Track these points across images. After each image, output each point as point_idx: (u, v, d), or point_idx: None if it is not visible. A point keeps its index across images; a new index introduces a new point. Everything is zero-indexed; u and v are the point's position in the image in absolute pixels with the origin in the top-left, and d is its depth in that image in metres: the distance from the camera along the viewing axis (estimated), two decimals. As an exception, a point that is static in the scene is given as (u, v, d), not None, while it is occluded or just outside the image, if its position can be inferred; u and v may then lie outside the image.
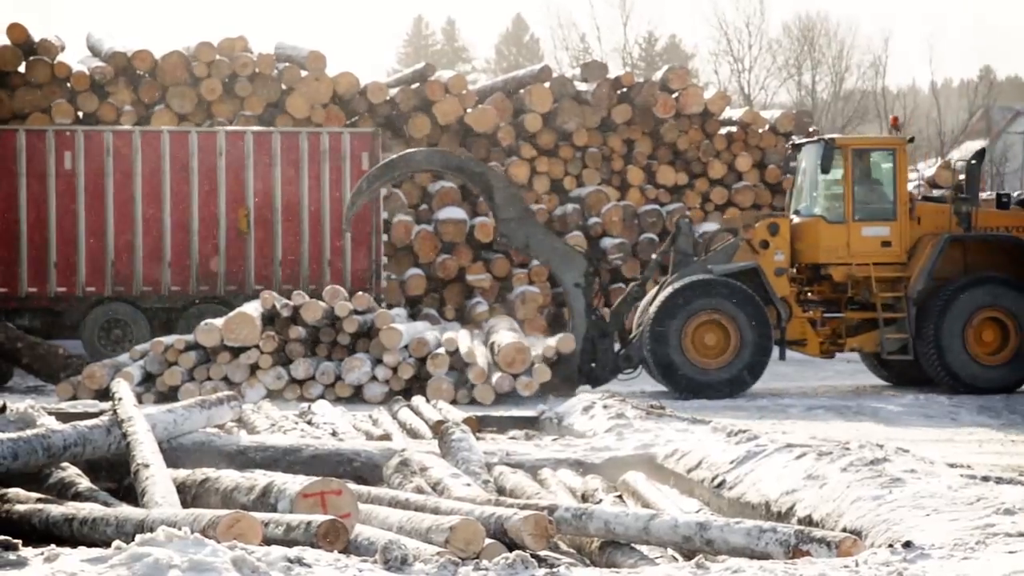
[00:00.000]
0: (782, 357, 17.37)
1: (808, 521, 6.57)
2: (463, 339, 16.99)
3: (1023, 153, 48.69)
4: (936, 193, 20.23)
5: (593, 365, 16.91)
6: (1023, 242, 17.37)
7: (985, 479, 6.65)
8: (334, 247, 20.40)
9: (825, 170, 17.20)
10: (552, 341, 16.93)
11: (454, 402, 15.12)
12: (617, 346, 17.34)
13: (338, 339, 16.64)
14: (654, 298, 17.11)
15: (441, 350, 16.41)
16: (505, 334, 17.31)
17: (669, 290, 16.91)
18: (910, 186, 25.66)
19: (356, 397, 16.05)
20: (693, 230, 18.10)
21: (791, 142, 19.33)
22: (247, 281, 20.11)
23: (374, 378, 16.31)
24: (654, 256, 18.34)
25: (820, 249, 17.36)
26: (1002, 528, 5.48)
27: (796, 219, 17.77)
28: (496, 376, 16.19)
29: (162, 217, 20.14)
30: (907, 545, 5.19)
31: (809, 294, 17.78)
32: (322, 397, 15.58)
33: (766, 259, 17.27)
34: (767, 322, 16.82)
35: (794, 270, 17.62)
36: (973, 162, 18.12)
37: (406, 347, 16.48)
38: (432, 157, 17.99)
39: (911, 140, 18.19)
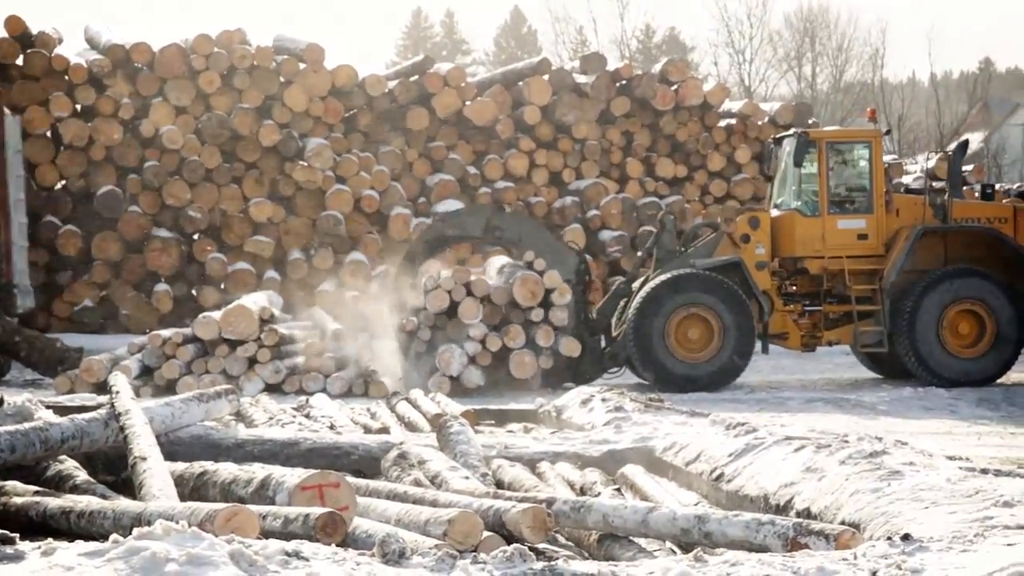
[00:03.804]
0: (764, 351, 17.38)
1: (807, 514, 6.56)
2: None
3: (1021, 145, 48.69)
4: (937, 185, 20.19)
5: (579, 363, 16.89)
6: (1000, 233, 17.30)
7: (984, 472, 6.64)
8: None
9: (798, 163, 17.19)
10: (560, 347, 16.80)
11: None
12: (603, 343, 17.33)
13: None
14: (637, 294, 17.09)
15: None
16: None
17: (651, 285, 16.89)
18: (909, 178, 25.68)
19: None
20: (677, 226, 18.06)
21: (772, 136, 19.33)
22: None
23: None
24: (639, 253, 18.33)
25: (796, 242, 17.33)
26: (1001, 521, 5.47)
27: (776, 212, 17.75)
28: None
29: None
30: (905, 538, 5.18)
31: (791, 287, 17.76)
32: (322, 391, 15.58)
33: (747, 253, 17.25)
34: (750, 316, 16.81)
35: (775, 263, 17.60)
36: (953, 154, 18.14)
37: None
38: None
39: (887, 132, 18.17)
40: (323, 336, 17.88)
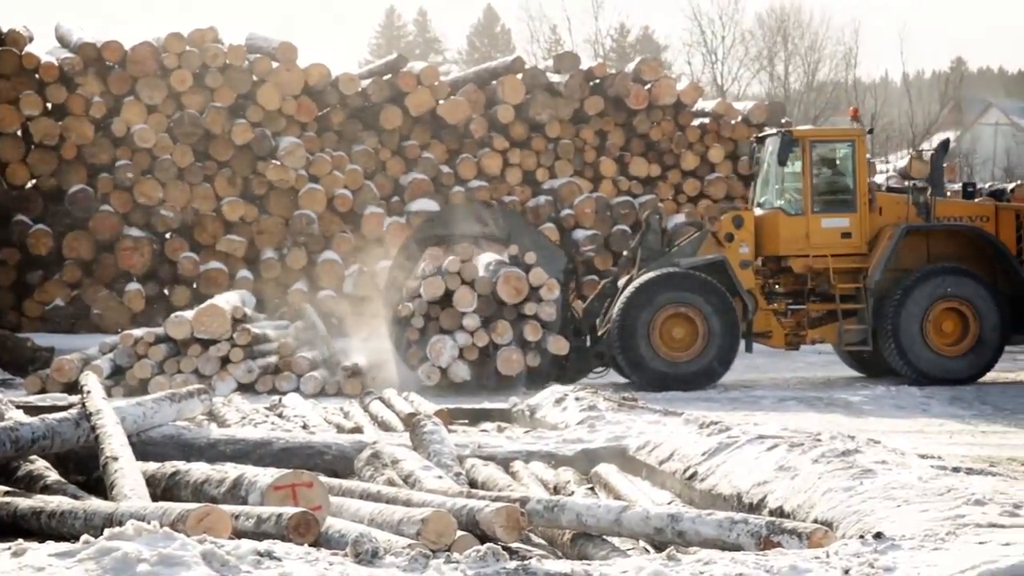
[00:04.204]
0: (748, 349, 17.40)
1: (779, 512, 6.57)
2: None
3: (993, 144, 48.94)
4: (908, 184, 20.27)
5: (565, 362, 16.89)
6: (983, 232, 17.37)
7: (956, 470, 6.66)
8: None
9: (782, 162, 17.21)
10: (548, 344, 16.78)
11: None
12: (589, 343, 17.33)
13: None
14: (621, 293, 17.09)
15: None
16: None
17: (636, 284, 16.89)
18: (881, 177, 25.77)
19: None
20: (662, 226, 18.05)
21: (755, 135, 19.37)
22: None
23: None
24: (625, 253, 18.33)
25: (780, 241, 17.36)
26: (972, 519, 5.49)
27: (759, 212, 17.78)
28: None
29: None
30: (878, 536, 5.19)
31: (774, 286, 17.80)
32: (295, 390, 15.55)
33: (731, 252, 17.28)
34: (734, 314, 16.83)
35: (759, 262, 17.64)
36: (936, 152, 18.21)
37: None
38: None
39: (870, 131, 18.27)
40: (316, 335, 17.86)
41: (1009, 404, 14.74)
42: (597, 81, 24.61)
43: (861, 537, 5.24)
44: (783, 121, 25.94)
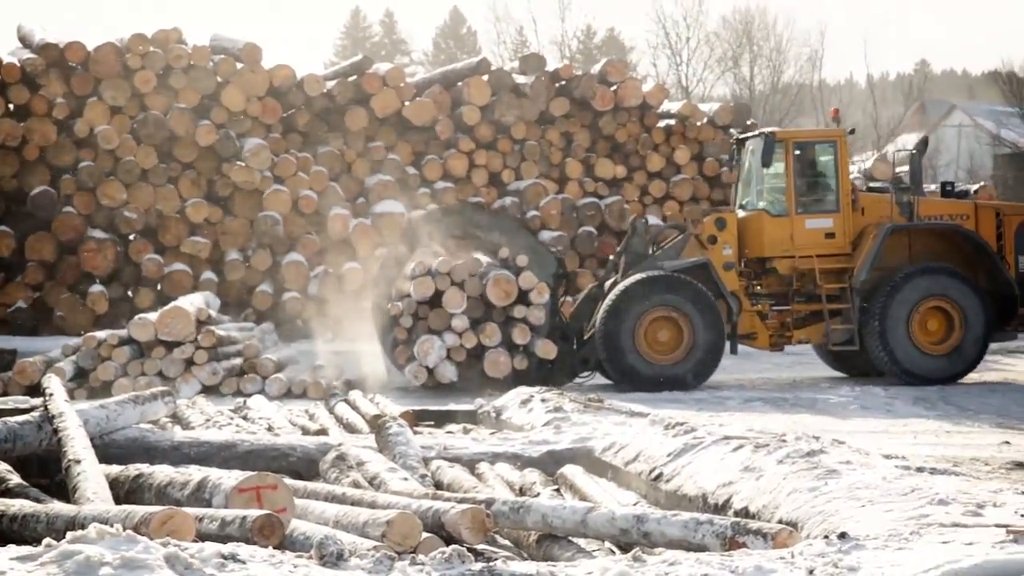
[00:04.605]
0: (733, 351, 17.46)
1: (745, 513, 6.58)
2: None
3: (956, 146, 49.25)
4: (876, 185, 20.38)
5: (552, 366, 16.88)
6: (966, 230, 17.47)
7: (920, 470, 6.69)
8: None
9: (766, 164, 17.24)
10: (536, 348, 16.75)
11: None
12: (575, 347, 17.33)
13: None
14: (607, 297, 17.09)
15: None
16: None
17: (620, 288, 16.90)
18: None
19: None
20: (649, 230, 18.03)
21: (735, 136, 19.40)
22: None
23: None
24: (611, 257, 18.34)
25: (765, 242, 17.42)
26: (936, 519, 5.51)
27: (742, 213, 17.83)
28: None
29: None
30: (842, 536, 5.20)
31: (758, 287, 17.86)
32: (261, 392, 15.50)
33: (715, 254, 17.34)
34: (719, 317, 16.87)
35: (742, 264, 17.69)
36: (915, 152, 18.28)
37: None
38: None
39: (851, 131, 18.37)
40: None
41: (972, 404, 14.82)
42: (563, 83, 24.62)
43: (826, 537, 5.26)
44: (748, 123, 26.03)
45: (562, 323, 17.22)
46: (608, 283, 17.60)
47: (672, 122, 24.92)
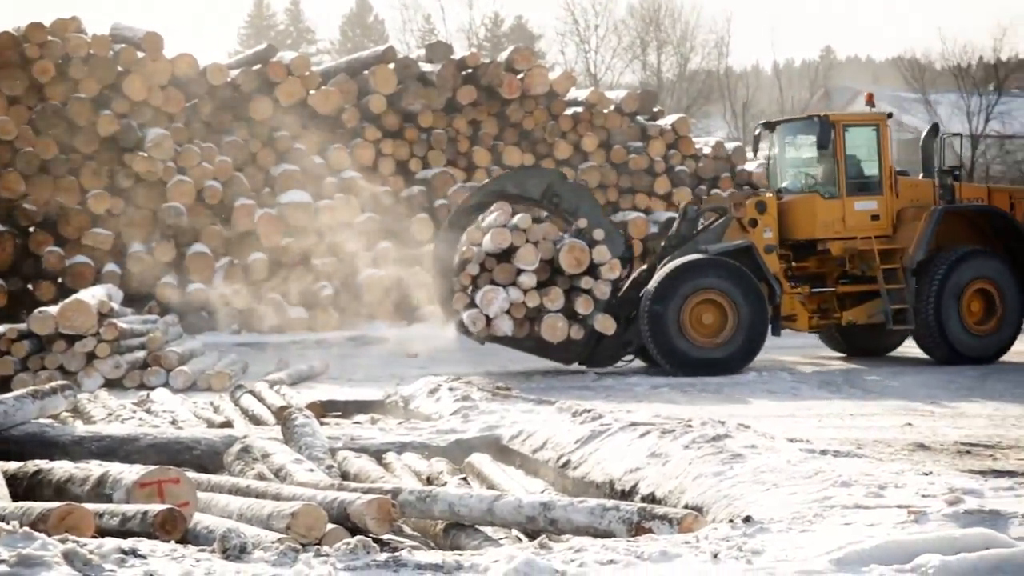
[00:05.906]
0: (776, 333, 17.64)
1: (651, 499, 6.61)
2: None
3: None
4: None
5: (598, 343, 16.91)
6: (1006, 214, 18.01)
7: (823, 453, 6.75)
8: None
9: (823, 146, 17.47)
10: (595, 321, 16.71)
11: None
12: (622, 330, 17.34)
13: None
14: (651, 281, 17.12)
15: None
16: None
17: (664, 271, 16.95)
18: (753, 165, 26.12)
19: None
20: (698, 216, 18.04)
21: (762, 122, 19.67)
22: None
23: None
24: (662, 243, 18.37)
25: (817, 224, 17.67)
26: (839, 500, 5.57)
27: (786, 196, 18.01)
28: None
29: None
30: (747, 520, 5.24)
31: (797, 270, 18.05)
32: (165, 385, 15.31)
33: (756, 236, 17.49)
34: (763, 299, 17.00)
35: (782, 247, 17.91)
36: (925, 137, 18.74)
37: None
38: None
39: (890, 115, 18.61)
40: None
41: (876, 388, 15.02)
42: (470, 71, 24.59)
43: (731, 521, 5.29)
44: (655, 110, 26.18)
45: (617, 304, 17.21)
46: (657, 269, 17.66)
47: (580, 110, 25.00)
